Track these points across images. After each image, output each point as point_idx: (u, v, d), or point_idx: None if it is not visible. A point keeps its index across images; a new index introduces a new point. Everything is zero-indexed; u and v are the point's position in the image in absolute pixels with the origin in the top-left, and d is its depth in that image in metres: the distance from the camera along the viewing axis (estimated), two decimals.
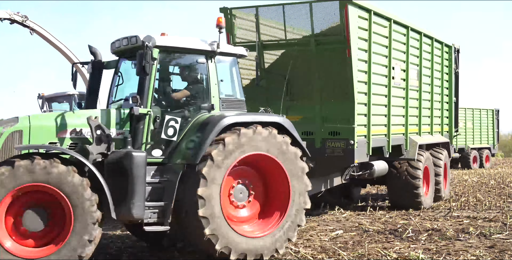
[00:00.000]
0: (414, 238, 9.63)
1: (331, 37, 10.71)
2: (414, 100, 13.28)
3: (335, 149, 10.49)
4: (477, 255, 8.21)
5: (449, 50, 15.72)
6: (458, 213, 12.55)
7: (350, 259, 8.13)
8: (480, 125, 31.98)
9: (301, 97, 11.07)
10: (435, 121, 14.85)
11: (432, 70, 14.34)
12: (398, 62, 12.36)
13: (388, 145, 12.00)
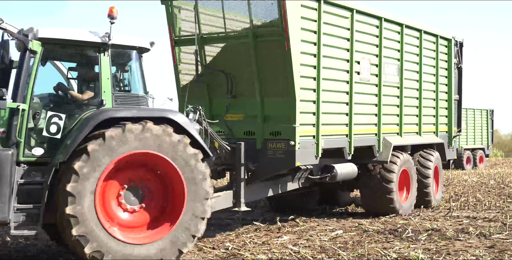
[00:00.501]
0: (414, 238, 9.54)
1: (269, 29, 9.70)
2: (391, 98, 12.02)
3: (276, 150, 9.48)
4: (476, 255, 8.15)
5: (449, 44, 14.33)
6: (458, 213, 12.43)
7: (350, 259, 8.06)
8: (474, 125, 31.15)
9: (243, 95, 10.14)
10: (426, 121, 13.46)
11: (420, 65, 13.05)
12: (366, 56, 11.16)
13: (349, 146, 10.82)
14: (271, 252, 8.63)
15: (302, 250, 8.58)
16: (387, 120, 11.95)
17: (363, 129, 11.30)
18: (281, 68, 9.53)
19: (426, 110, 13.41)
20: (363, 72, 11.22)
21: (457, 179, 21.37)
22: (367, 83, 11.36)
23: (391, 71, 12.17)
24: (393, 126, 12.22)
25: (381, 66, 11.69)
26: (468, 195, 15.79)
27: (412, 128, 13.03)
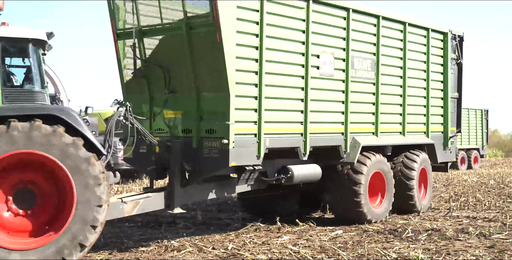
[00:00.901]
0: (414, 238, 9.49)
1: (202, 20, 9.02)
2: (363, 95, 11.16)
3: (211, 149, 8.84)
4: (476, 255, 8.11)
5: (444, 38, 13.27)
6: (457, 213, 12.39)
7: (350, 259, 8.02)
8: (468, 125, 30.85)
9: (180, 90, 9.51)
10: (412, 120, 12.42)
11: (404, 61, 12.03)
12: (329, 50, 10.27)
13: (305, 145, 9.95)
14: (271, 252, 8.58)
15: (302, 250, 8.53)
16: (357, 118, 11.03)
17: (324, 128, 10.41)
18: (215, 61, 8.85)
19: (412, 108, 12.44)
20: (324, 67, 10.33)
21: (457, 179, 21.10)
22: (330, 78, 10.48)
23: (364, 66, 11.22)
24: (366, 126, 11.28)
25: (349, 61, 10.79)
26: (468, 195, 15.64)
27: (393, 127, 12.02)
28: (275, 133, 9.53)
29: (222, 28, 8.57)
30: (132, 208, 8.69)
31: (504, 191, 16.98)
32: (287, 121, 9.80)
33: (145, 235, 10.19)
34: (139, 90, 9.95)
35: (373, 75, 11.44)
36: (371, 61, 11.36)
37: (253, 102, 9.18)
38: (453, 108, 14.09)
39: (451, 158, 14.00)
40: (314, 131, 10.21)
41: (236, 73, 8.83)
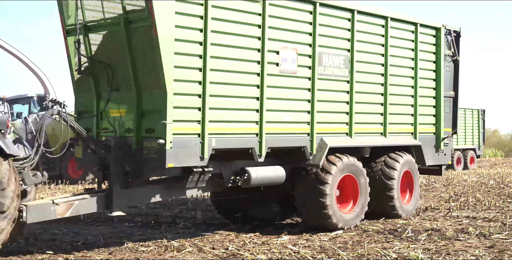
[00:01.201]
0: (414, 238, 9.44)
1: (139, 14, 8.51)
2: (334, 93, 10.42)
3: (150, 149, 8.35)
4: (476, 255, 8.05)
5: (437, 33, 12.43)
6: (457, 213, 12.27)
7: (350, 259, 7.98)
8: (464, 125, 30.59)
9: (122, 88, 9.07)
10: (396, 120, 11.58)
11: (386, 57, 11.27)
12: (291, 46, 9.64)
13: (260, 146, 9.32)
14: (271, 252, 8.53)
15: (302, 250, 8.49)
16: (327, 118, 10.32)
17: (285, 128, 9.77)
18: (152, 58, 8.37)
19: (395, 108, 11.63)
20: (286, 64, 9.69)
21: (457, 179, 20.81)
22: (292, 76, 9.83)
23: (336, 63, 10.50)
24: (339, 126, 10.57)
25: (316, 57, 10.11)
26: (468, 195, 15.48)
27: (373, 128, 11.27)
28: (223, 132, 8.98)
29: (158, 23, 8.04)
30: (65, 210, 8.33)
31: (504, 191, 16.65)
32: (238, 121, 9.21)
33: (145, 235, 10.10)
34: (88, 89, 9.54)
35: (346, 73, 10.72)
36: (344, 57, 10.65)
37: (196, 100, 8.63)
38: (449, 108, 13.26)
39: (445, 160, 13.04)
40: (273, 131, 9.59)
41: (175, 70, 8.30)
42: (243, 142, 9.28)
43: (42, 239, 9.69)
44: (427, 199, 15.08)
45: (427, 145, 12.47)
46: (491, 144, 59.99)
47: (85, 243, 9.47)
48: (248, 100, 9.35)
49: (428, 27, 12.51)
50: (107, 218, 11.93)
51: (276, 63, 9.64)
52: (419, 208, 13.19)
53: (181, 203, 14.37)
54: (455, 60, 13.15)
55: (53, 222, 11.17)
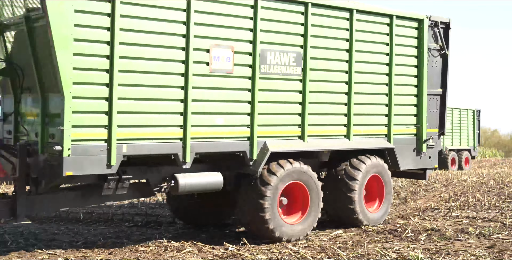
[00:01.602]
0: (414, 238, 9.41)
1: (37, 13, 7.90)
2: (282, 93, 9.50)
3: (52, 156, 7.76)
4: (476, 255, 8.05)
5: (420, 25, 11.27)
6: (457, 213, 12.16)
7: (350, 259, 7.98)
8: (459, 125, 30.20)
9: (31, 90, 8.52)
10: (363, 121, 10.58)
11: (351, 53, 10.21)
12: (225, 43, 8.84)
13: (184, 152, 8.57)
14: (270, 252, 8.50)
15: (302, 250, 8.47)
16: (272, 120, 9.47)
17: (218, 132, 8.95)
18: (50, 59, 7.76)
19: (363, 108, 10.59)
20: (218, 63, 8.86)
21: (457, 179, 20.38)
22: (227, 76, 9.01)
23: (284, 61, 9.56)
24: (290, 128, 9.65)
25: (258, 55, 9.24)
26: (467, 195, 15.24)
27: (333, 130, 10.19)
28: (137, 138, 8.24)
29: (52, 21, 7.35)
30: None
31: (504, 191, 16.42)
32: (157, 125, 8.44)
33: (145, 235, 10.01)
34: (8, 90, 9.08)
35: (298, 71, 9.79)
36: (296, 54, 9.73)
37: (102, 104, 7.92)
38: (435, 106, 11.99)
39: (429, 164, 11.73)
40: (201, 135, 8.83)
41: (74, 72, 7.62)
42: (164, 147, 8.52)
43: (42, 239, 9.59)
44: (427, 199, 14.68)
45: (405, 147, 11.32)
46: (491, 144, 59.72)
47: (85, 243, 9.37)
48: (170, 103, 8.55)
49: (407, 19, 11.32)
50: (107, 218, 11.74)
51: (206, 63, 8.85)
52: (418, 208, 12.82)
53: None
54: (443, 55, 11.90)
55: (53, 222, 11.29)
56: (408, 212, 12.43)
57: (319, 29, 10.08)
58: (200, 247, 8.87)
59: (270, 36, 9.51)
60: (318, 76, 10.08)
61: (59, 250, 8.69)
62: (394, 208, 13.10)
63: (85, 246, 9.07)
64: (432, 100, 11.88)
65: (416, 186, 17.61)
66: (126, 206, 13.43)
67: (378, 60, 10.91)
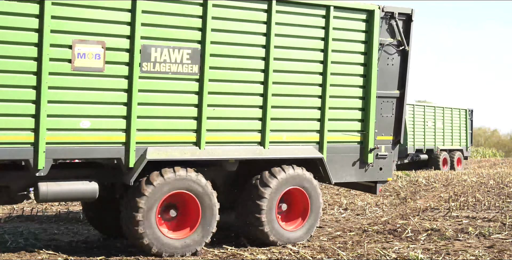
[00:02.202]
0: (413, 238, 9.27)
1: None
2: (171, 94, 8.27)
3: None
4: (476, 255, 7.86)
5: (369, 17, 9.46)
6: (457, 213, 11.95)
7: (350, 259, 7.79)
8: (451, 125, 29.10)
9: None
10: (285, 126, 9.08)
11: (268, 50, 8.74)
12: (94, 39, 7.74)
13: (36, 158, 7.43)
14: (270, 252, 8.23)
15: (302, 250, 8.22)
16: (157, 125, 8.17)
17: (84, 136, 7.77)
18: None
19: (285, 112, 8.99)
20: (83, 60, 7.58)
21: (457, 179, 19.19)
22: (95, 75, 7.72)
23: (175, 58, 8.14)
24: (183, 134, 8.27)
25: (137, 52, 7.97)
26: (467, 195, 14.71)
27: (243, 136, 8.65)
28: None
29: None
30: None
31: (504, 191, 15.58)
32: (5, 128, 7.38)
33: None
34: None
35: (195, 70, 8.18)
36: (191, 51, 8.09)
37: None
38: (391, 110, 9.74)
39: (378, 176, 9.52)
40: (61, 140, 7.53)
41: None
42: (11, 152, 7.31)
43: (42, 239, 9.08)
44: (427, 199, 14.19)
45: (344, 157, 9.17)
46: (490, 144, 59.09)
47: (84, 243, 8.95)
48: (20, 105, 7.33)
49: (351, 10, 9.15)
50: None
51: (69, 60, 7.45)
52: (418, 208, 12.23)
53: None
54: (402, 51, 9.61)
55: (52, 222, 10.68)
56: (408, 212, 12.13)
57: (225, 23, 8.30)
58: None
59: (155, 30, 7.94)
60: (221, 75, 8.29)
61: (59, 250, 8.14)
62: (394, 208, 12.69)
63: (85, 246, 8.72)
64: (386, 103, 9.49)
65: (416, 186, 16.84)
66: None
67: (307, 58, 8.92)
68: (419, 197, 14.66)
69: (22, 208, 12.12)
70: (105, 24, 7.63)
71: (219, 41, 8.33)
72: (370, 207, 13.34)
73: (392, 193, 16.08)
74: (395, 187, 15.99)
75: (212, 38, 8.20)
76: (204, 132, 8.19)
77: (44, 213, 11.88)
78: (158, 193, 7.84)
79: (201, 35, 8.18)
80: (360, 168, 9.15)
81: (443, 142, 28.76)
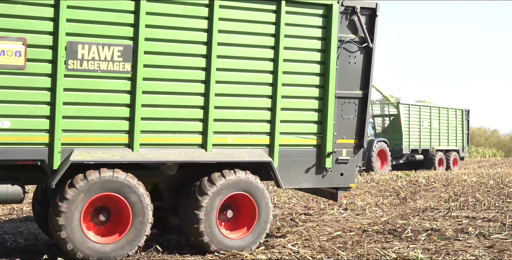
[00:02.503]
0: (413, 238, 9.15)
1: None
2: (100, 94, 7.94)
3: None
4: (476, 255, 7.70)
5: (327, 12, 8.93)
6: (457, 213, 11.74)
7: (350, 259, 7.68)
8: (447, 126, 28.77)
9: None
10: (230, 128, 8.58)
11: (211, 47, 8.41)
12: (14, 35, 7.51)
13: None
14: (270, 252, 8.08)
15: (302, 250, 8.16)
16: (85, 125, 7.83)
17: (4, 137, 7.56)
18: None
19: (230, 113, 8.52)
20: (3, 58, 7.51)
21: (457, 179, 18.69)
22: (16, 73, 7.60)
23: (104, 56, 7.88)
24: (113, 135, 7.91)
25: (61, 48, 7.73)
26: (467, 195, 14.44)
27: (183, 138, 8.20)
28: None
29: None
30: None
31: (504, 191, 15.16)
32: None
33: None
34: None
35: (127, 68, 7.72)
36: (123, 48, 7.64)
37: None
38: (353, 112, 8.96)
39: (339, 182, 8.79)
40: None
41: None
42: None
43: (42, 239, 8.91)
44: (427, 199, 13.89)
45: (297, 161, 8.50)
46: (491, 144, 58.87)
47: None
48: None
49: (305, 4, 8.38)
50: None
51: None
52: (418, 208, 11.93)
53: None
54: (366, 48, 8.76)
55: None
56: (408, 212, 11.96)
57: (161, 19, 7.88)
58: None
59: (82, 27, 7.51)
60: (157, 74, 7.72)
61: (59, 251, 7.74)
62: (394, 208, 12.42)
63: None
64: (348, 104, 8.76)
65: (416, 186, 16.36)
66: None
67: (255, 55, 8.24)
68: (419, 197, 14.33)
69: (22, 208, 11.97)
70: (25, 20, 7.08)
71: (155, 38, 7.70)
72: (370, 207, 12.98)
73: (392, 193, 15.36)
74: (395, 187, 15.52)
75: (147, 35, 7.61)
76: (138, 133, 7.46)
77: None
78: (82, 196, 7.14)
79: (134, 31, 7.61)
80: (317, 173, 8.39)
81: (439, 142, 28.39)
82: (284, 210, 12.33)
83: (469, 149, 46.27)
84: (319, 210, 11.91)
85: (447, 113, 29.03)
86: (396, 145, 26.67)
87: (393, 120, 26.65)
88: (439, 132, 28.30)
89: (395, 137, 26.48)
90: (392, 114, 26.67)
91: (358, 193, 14.39)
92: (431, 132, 27.91)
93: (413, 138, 26.79)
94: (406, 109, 26.40)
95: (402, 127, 25.85)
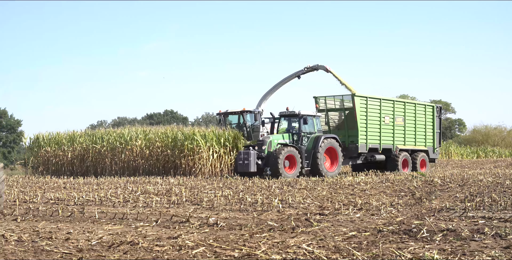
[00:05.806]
0: (429, 238, 9.04)
1: None
2: None
3: None
4: (492, 255, 7.60)
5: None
6: (473, 213, 11.61)
7: (364, 259, 7.71)
8: (414, 123, 26.26)
9: None
10: None
11: None
12: None
13: None
14: (285, 252, 8.13)
15: (316, 250, 8.17)
16: None
17: None
18: None
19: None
20: None
21: (473, 179, 18.62)
22: None
23: None
24: None
25: None
26: (483, 195, 14.34)
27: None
28: None
29: None
30: None
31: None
32: None
33: (159, 235, 9.51)
34: None
35: None
36: None
37: None
38: None
39: None
40: None
41: None
42: None
43: (56, 238, 8.99)
44: (442, 199, 13.73)
45: None
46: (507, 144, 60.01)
47: (99, 242, 8.77)
48: None
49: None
50: (122, 217, 11.45)
51: None
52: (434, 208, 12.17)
53: (195, 203, 13.62)
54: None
55: (67, 222, 10.73)
56: (423, 212, 11.84)
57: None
58: (215, 247, 8.40)
59: None
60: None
61: (74, 249, 8.06)
62: (409, 208, 12.26)
63: (100, 245, 8.56)
64: None
65: (431, 186, 16.00)
66: (140, 206, 12.90)
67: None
68: (434, 197, 14.12)
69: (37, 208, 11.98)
70: None
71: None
72: (385, 207, 12.91)
73: (407, 193, 15.24)
74: (410, 187, 15.20)
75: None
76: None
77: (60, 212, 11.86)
78: None
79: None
80: None
81: (404, 141, 25.78)
82: (298, 210, 12.36)
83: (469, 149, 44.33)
84: (334, 210, 11.96)
85: (415, 109, 26.38)
86: (352, 142, 23.82)
87: (348, 114, 23.47)
88: (404, 130, 25.68)
89: (351, 133, 23.54)
90: (347, 108, 23.59)
91: (373, 193, 14.35)
92: (394, 129, 25.08)
93: (371, 135, 23.93)
94: (363, 103, 23.44)
95: (358, 123, 23.05)
